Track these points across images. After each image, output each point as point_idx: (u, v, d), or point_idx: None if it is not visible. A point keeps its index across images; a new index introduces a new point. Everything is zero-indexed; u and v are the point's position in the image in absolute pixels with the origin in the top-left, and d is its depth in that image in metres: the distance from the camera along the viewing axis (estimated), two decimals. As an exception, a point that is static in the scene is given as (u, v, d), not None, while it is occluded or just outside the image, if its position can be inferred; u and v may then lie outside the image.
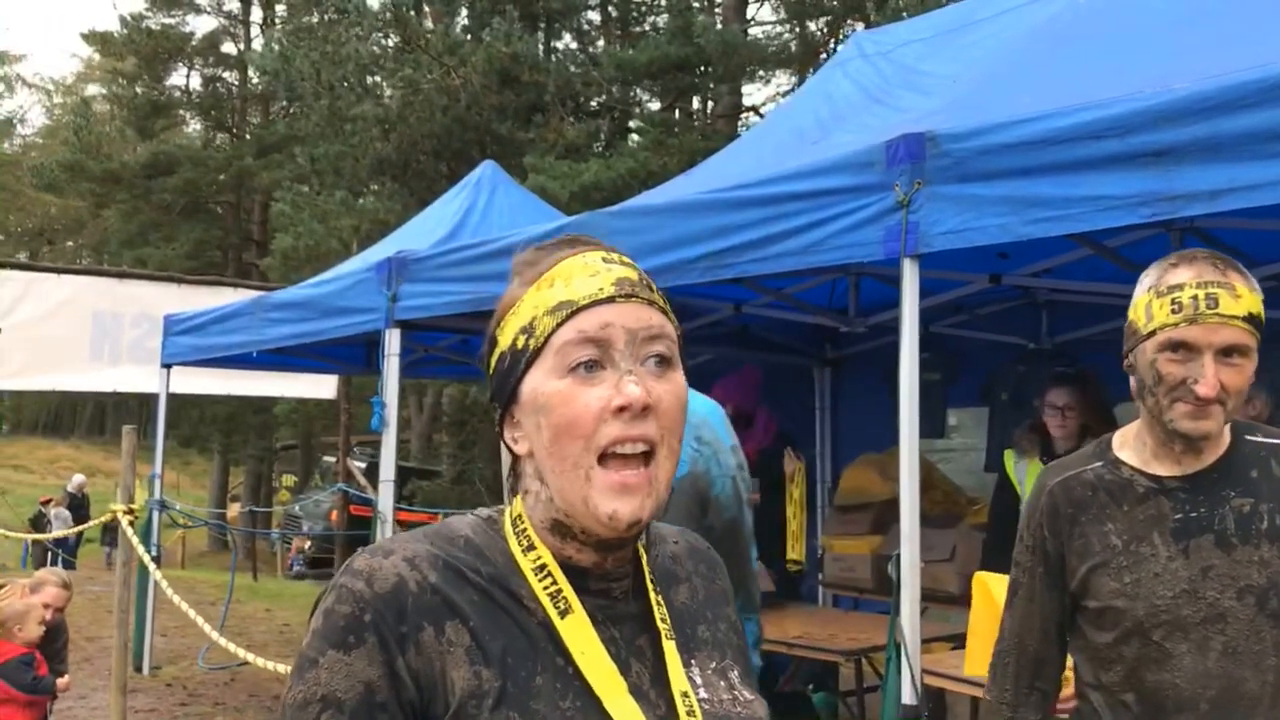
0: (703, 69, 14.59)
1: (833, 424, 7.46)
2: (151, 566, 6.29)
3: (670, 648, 1.12)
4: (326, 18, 17.12)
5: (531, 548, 1.10)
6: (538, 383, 1.07)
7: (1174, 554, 1.82)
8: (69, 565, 18.00)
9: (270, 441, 24.92)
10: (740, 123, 15.42)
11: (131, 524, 5.26)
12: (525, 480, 1.13)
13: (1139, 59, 3.49)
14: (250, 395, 12.49)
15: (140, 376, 10.17)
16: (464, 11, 15.57)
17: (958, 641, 5.21)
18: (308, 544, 19.22)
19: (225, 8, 28.75)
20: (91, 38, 28.93)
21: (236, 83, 28.74)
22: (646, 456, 1.06)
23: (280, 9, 27.73)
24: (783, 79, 19.66)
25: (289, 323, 6.63)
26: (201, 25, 46.19)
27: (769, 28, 17.61)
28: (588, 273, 1.10)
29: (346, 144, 14.55)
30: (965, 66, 4.27)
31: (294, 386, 11.92)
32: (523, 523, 1.12)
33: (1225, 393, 1.74)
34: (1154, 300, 1.77)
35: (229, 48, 29.02)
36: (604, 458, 1.04)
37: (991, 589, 2.78)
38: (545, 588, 1.08)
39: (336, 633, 1.03)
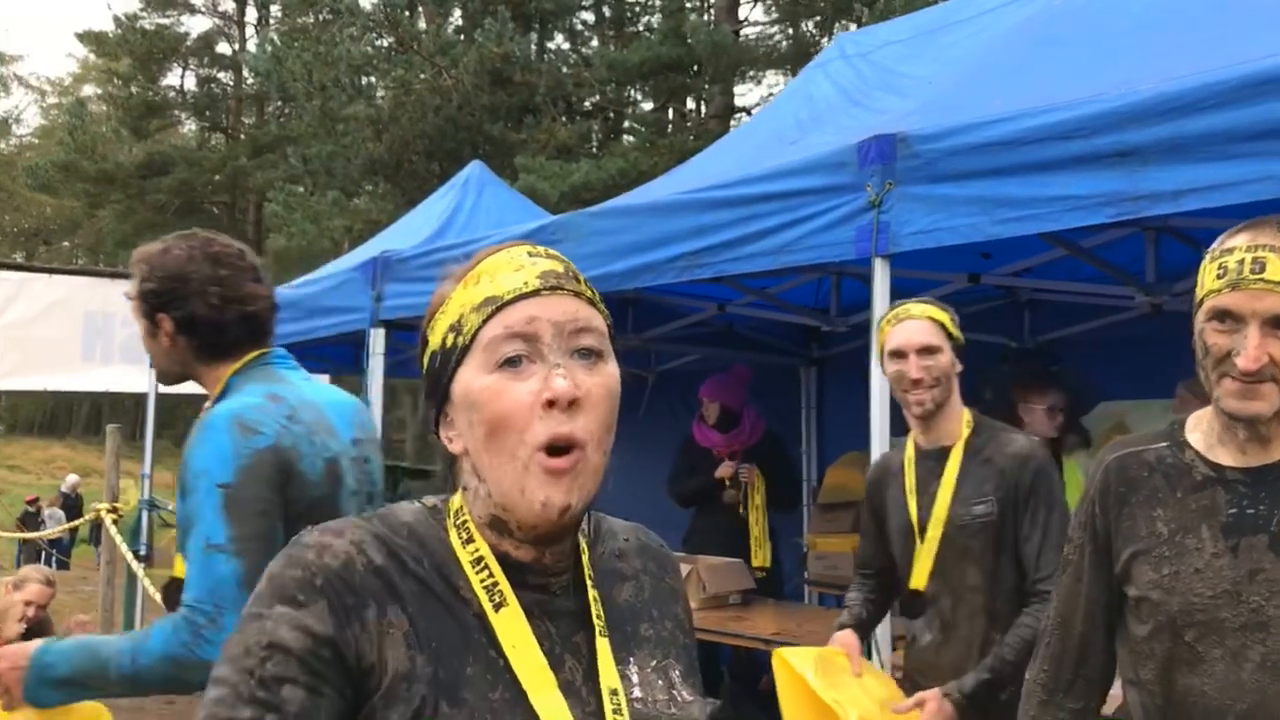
0: (695, 70, 14.62)
1: (818, 423, 7.49)
2: (134, 564, 6.30)
3: (603, 645, 1.13)
4: (320, 18, 17.12)
5: (470, 540, 1.11)
6: (468, 380, 1.08)
7: (1221, 550, 1.69)
8: (63, 565, 18.00)
9: (265, 441, 24.94)
10: (733, 123, 15.44)
11: (115, 523, 5.28)
12: (463, 478, 1.13)
13: (1111, 60, 3.52)
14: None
15: (132, 376, 10.17)
16: (457, 12, 15.58)
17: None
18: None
19: (220, 8, 28.87)
20: (86, 38, 28.97)
21: (231, 83, 28.80)
22: (573, 445, 1.06)
23: (275, 9, 27.74)
24: (775, 79, 19.70)
25: (276, 323, 6.64)
26: (196, 25, 46.07)
27: (761, 28, 17.62)
28: (512, 267, 1.10)
29: (339, 144, 14.59)
30: (942, 68, 4.30)
31: (285, 386, 11.92)
32: (463, 515, 1.13)
33: (1276, 367, 1.58)
34: (1207, 265, 1.65)
35: (224, 48, 29.13)
36: (540, 449, 1.05)
37: (794, 666, 2.72)
38: (482, 580, 1.09)
39: (287, 590, 1.02)
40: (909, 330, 2.78)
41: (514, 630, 1.08)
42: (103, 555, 5.45)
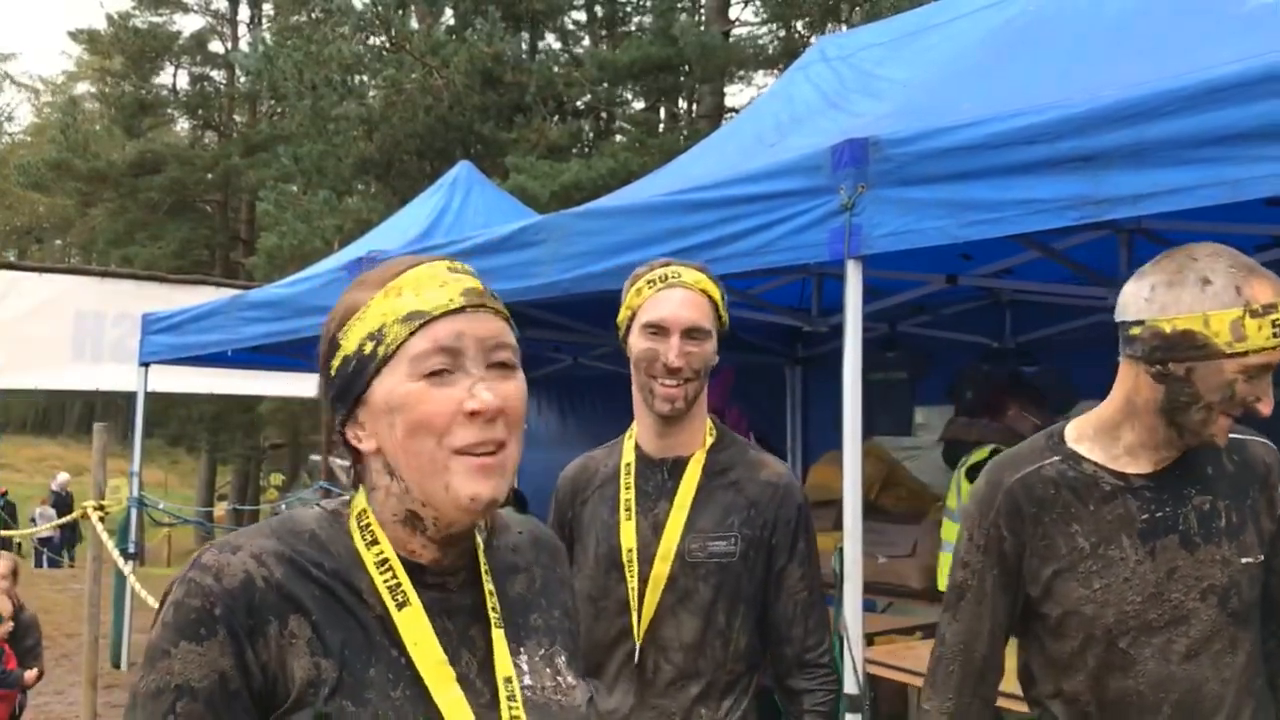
0: (685, 70, 14.68)
1: (803, 422, 7.56)
2: (120, 562, 6.35)
3: (498, 636, 1.20)
4: (312, 16, 17.15)
5: (375, 542, 1.17)
6: (391, 386, 1.14)
7: (1142, 556, 1.77)
8: (55, 564, 18.02)
9: (257, 440, 24.95)
10: (723, 123, 15.50)
11: (102, 520, 5.33)
12: (373, 476, 1.19)
13: (1080, 65, 3.58)
14: (234, 394, 12.54)
15: (122, 375, 10.22)
16: (448, 12, 15.63)
17: (924, 633, 5.31)
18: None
19: (212, 6, 28.87)
20: (79, 36, 28.98)
21: (224, 82, 28.77)
22: (499, 447, 1.15)
23: (267, 8, 27.75)
24: (764, 80, 19.75)
25: (264, 321, 6.69)
26: (189, 24, 46.09)
27: (752, 28, 17.69)
28: (436, 283, 1.17)
29: (330, 144, 14.63)
30: (918, 71, 4.35)
31: (277, 385, 11.97)
32: (367, 517, 1.18)
33: None
34: (1247, 319, 1.68)
35: (216, 46, 29.08)
36: (459, 451, 1.12)
37: None
38: (385, 581, 1.15)
39: (189, 625, 1.07)
40: (677, 301, 2.17)
41: (416, 628, 1.14)
42: (89, 552, 5.50)
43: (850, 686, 3.24)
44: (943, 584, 5.25)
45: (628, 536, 2.20)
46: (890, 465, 6.58)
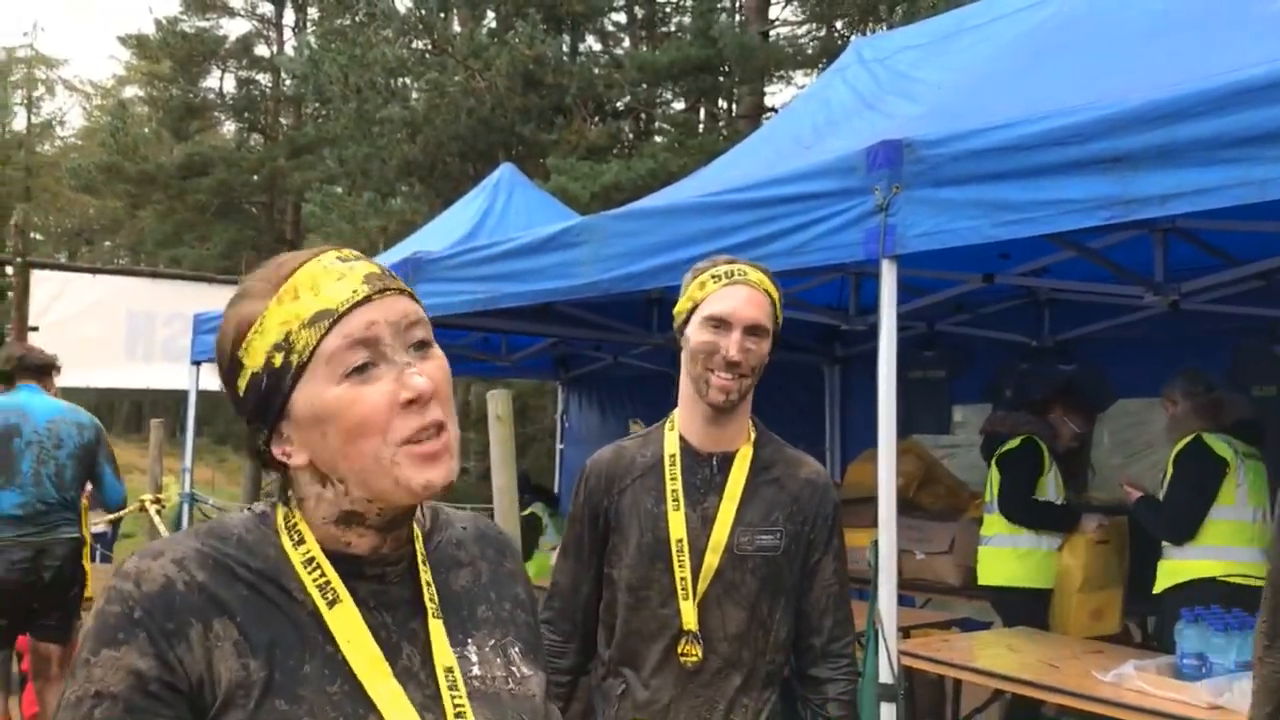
0: (724, 70, 14.73)
1: (842, 420, 7.62)
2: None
3: (436, 626, 1.17)
4: (356, 20, 17.35)
5: (302, 542, 1.14)
6: (313, 394, 1.09)
7: None
8: (106, 559, 18.33)
9: (302, 438, 25.22)
10: (763, 123, 15.55)
11: (159, 513, 5.49)
12: (302, 488, 1.16)
13: (1112, 67, 3.63)
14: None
15: (173, 373, 10.42)
16: (490, 15, 15.78)
17: (960, 627, 5.36)
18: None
19: (258, 11, 29.16)
20: (128, 41, 29.43)
21: (269, 85, 29.10)
22: (440, 428, 1.12)
23: (312, 12, 28.06)
24: (803, 80, 19.76)
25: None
26: (235, 28, 46.79)
27: (791, 28, 17.70)
28: (333, 276, 1.11)
29: (374, 146, 14.80)
30: (952, 73, 4.41)
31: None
32: (293, 518, 1.16)
33: None
34: None
35: (262, 50, 29.41)
36: (404, 443, 1.09)
37: None
38: (315, 580, 1.12)
39: (108, 631, 1.05)
40: (742, 298, 2.23)
41: (347, 624, 1.11)
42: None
43: (885, 676, 3.31)
44: (983, 578, 5.32)
45: (677, 527, 2.23)
46: (928, 463, 6.62)
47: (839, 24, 16.34)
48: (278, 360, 1.09)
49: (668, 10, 18.58)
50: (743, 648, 2.24)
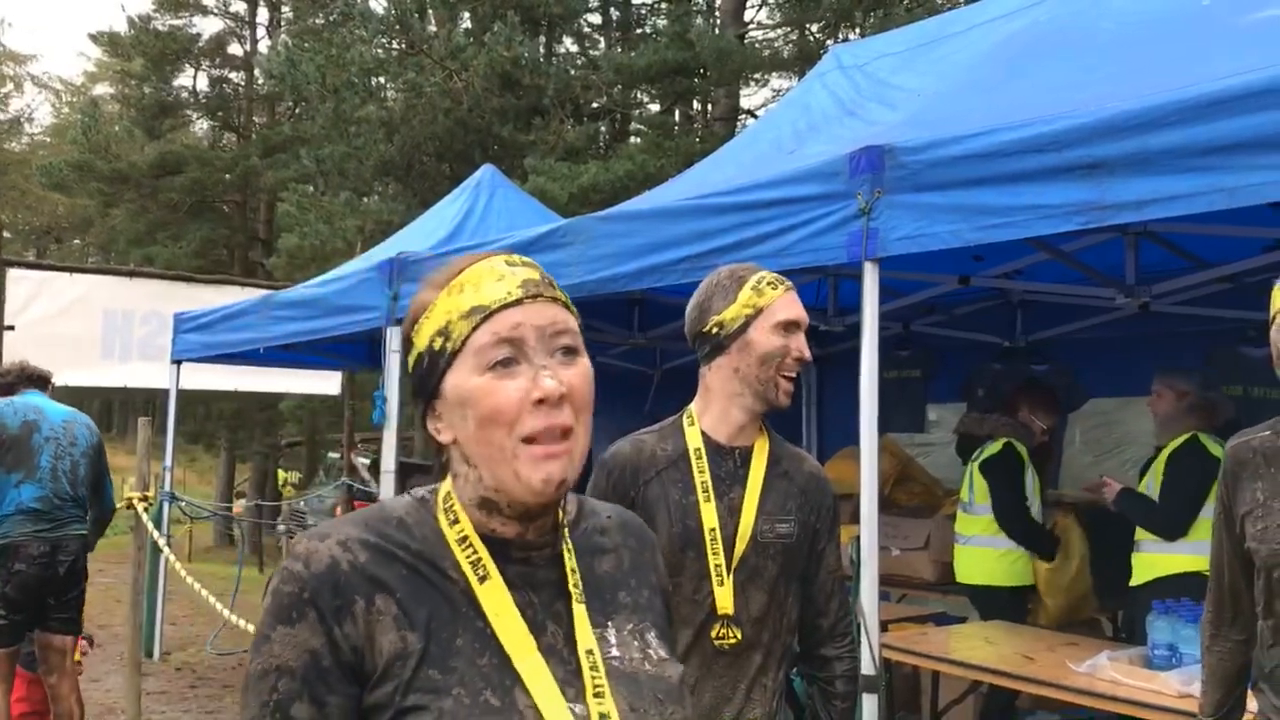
0: (701, 73, 14.81)
1: (818, 419, 7.72)
2: (167, 550, 6.55)
3: (579, 610, 1.25)
4: (331, 19, 17.33)
5: (456, 521, 1.23)
6: (459, 380, 1.20)
7: None
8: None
9: (276, 438, 25.14)
10: (738, 125, 15.66)
11: (146, 510, 5.53)
12: (453, 464, 1.26)
13: (1088, 75, 3.74)
14: (257, 391, 12.73)
15: (150, 372, 10.42)
16: (466, 16, 15.80)
17: (937, 621, 5.47)
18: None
19: (231, 9, 28.94)
20: (100, 38, 29.13)
21: (243, 83, 28.93)
22: (565, 432, 1.20)
23: (286, 11, 27.94)
24: (779, 83, 19.91)
25: (295, 320, 6.88)
26: (208, 27, 46.44)
27: (767, 31, 17.81)
28: (494, 277, 1.22)
29: (351, 146, 14.78)
30: (931, 80, 4.51)
31: (300, 383, 12.17)
32: (450, 500, 1.25)
33: None
34: None
35: (235, 49, 29.19)
36: (528, 439, 1.18)
37: None
38: (468, 557, 1.21)
39: (283, 610, 1.15)
40: (799, 303, 2.41)
41: (496, 600, 1.20)
42: (134, 542, 5.70)
43: (867, 668, 3.39)
44: (961, 576, 5.43)
45: (709, 517, 2.34)
46: (904, 461, 6.73)
47: (814, 27, 16.45)
48: (438, 345, 1.21)
49: (644, 12, 18.65)
50: (763, 629, 2.37)
